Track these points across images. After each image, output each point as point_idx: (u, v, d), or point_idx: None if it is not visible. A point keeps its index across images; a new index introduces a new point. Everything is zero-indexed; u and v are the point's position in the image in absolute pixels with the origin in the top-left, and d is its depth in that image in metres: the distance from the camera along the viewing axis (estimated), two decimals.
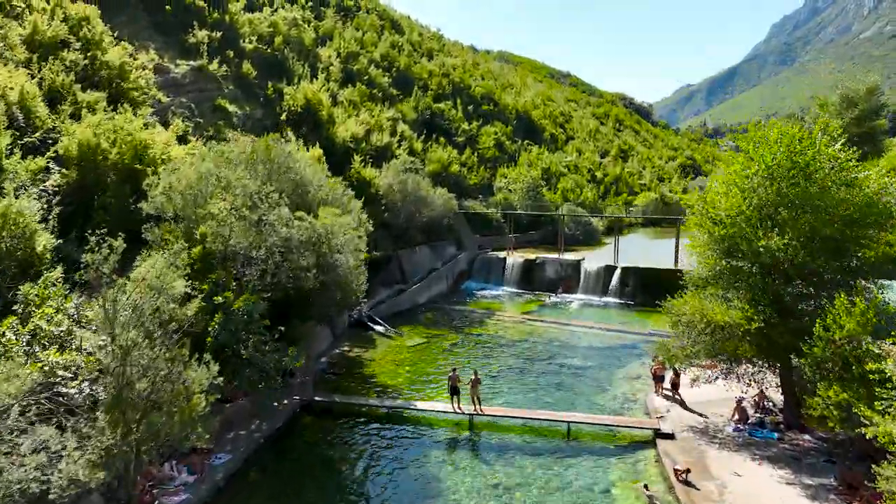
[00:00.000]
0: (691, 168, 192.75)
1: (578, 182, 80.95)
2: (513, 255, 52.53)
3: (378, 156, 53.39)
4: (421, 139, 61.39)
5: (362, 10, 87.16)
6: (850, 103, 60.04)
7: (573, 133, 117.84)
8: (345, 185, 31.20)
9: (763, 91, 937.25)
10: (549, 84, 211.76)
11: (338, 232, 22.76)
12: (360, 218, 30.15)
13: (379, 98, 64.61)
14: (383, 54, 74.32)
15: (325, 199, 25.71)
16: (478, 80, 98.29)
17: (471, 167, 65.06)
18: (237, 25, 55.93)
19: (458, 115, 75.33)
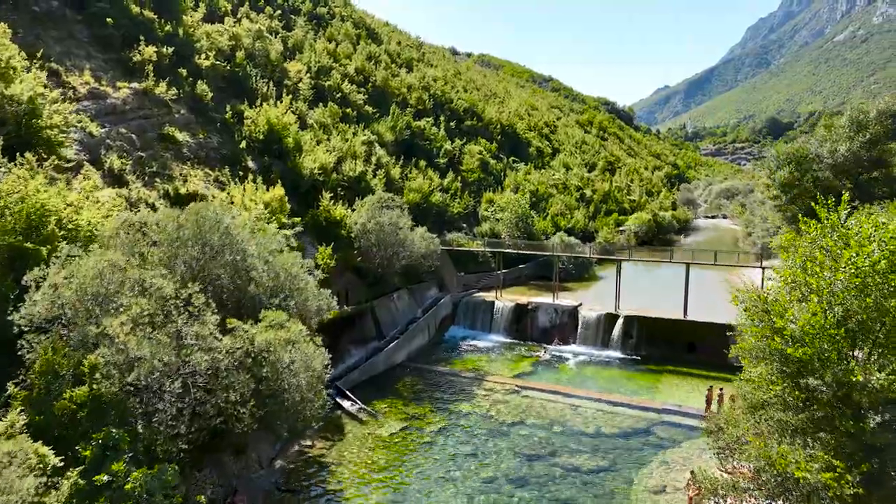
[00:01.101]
0: (676, 178, 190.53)
1: (568, 203, 76.12)
2: (502, 297, 47.34)
3: (351, 187, 47.85)
4: (399, 164, 55.89)
5: (336, 18, 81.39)
6: (859, 126, 55.92)
7: (559, 145, 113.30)
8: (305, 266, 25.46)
9: (740, 93, 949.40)
10: (531, 90, 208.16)
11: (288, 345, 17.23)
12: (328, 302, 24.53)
13: (353, 118, 58.96)
14: (359, 68, 68.67)
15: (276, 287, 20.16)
16: (460, 91, 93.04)
17: (454, 193, 59.73)
18: (193, 39, 49.93)
19: (440, 133, 69.96)
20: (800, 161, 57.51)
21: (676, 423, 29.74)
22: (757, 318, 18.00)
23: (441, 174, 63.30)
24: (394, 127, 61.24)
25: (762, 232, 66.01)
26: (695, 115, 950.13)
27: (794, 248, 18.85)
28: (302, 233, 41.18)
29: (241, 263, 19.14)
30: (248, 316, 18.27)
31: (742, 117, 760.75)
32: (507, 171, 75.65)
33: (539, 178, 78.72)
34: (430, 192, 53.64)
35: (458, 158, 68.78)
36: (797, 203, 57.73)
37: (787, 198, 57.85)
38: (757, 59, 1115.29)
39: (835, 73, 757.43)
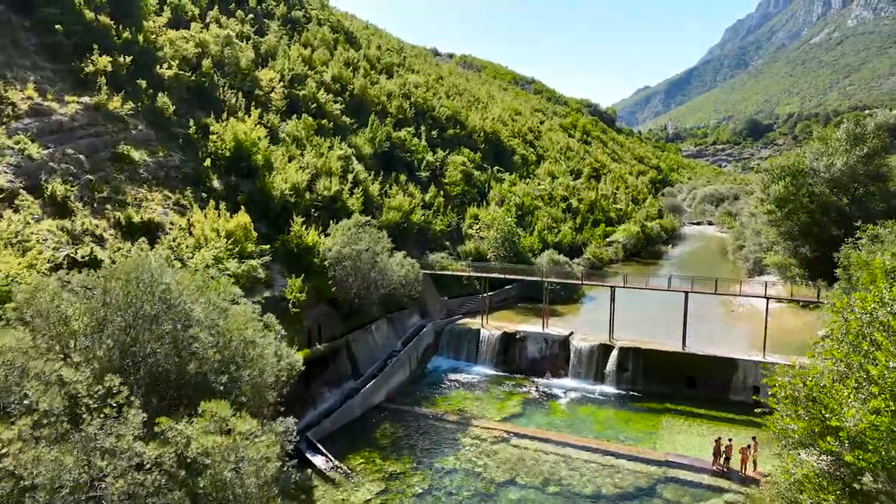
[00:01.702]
0: (661, 183, 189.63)
1: (554, 216, 73.52)
2: (488, 324, 44.39)
3: (326, 207, 44.56)
4: (378, 180, 52.68)
5: (313, 22, 77.87)
6: (856, 139, 53.91)
7: (543, 151, 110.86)
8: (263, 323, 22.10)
9: (719, 94, 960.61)
10: (514, 93, 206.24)
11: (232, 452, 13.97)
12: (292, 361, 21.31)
13: (329, 130, 55.62)
14: (336, 75, 65.27)
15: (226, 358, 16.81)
16: (442, 98, 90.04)
17: (436, 209, 56.67)
18: (154, 47, 46.32)
19: (421, 144, 66.89)
20: (795, 175, 55.38)
21: (682, 479, 27.02)
22: (802, 410, 15.13)
23: (423, 188, 60.24)
24: (372, 139, 58.03)
25: (754, 246, 63.92)
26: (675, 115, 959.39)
27: (843, 318, 16.00)
28: (272, 261, 37.92)
29: (181, 334, 15.95)
30: (187, 403, 15.10)
31: (721, 118, 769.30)
32: (491, 183, 72.80)
33: (524, 189, 76.00)
34: (412, 210, 50.54)
35: (441, 170, 65.77)
36: (792, 219, 55.64)
37: (783, 213, 55.67)
38: (735, 60, 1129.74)
39: (811, 74, 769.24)
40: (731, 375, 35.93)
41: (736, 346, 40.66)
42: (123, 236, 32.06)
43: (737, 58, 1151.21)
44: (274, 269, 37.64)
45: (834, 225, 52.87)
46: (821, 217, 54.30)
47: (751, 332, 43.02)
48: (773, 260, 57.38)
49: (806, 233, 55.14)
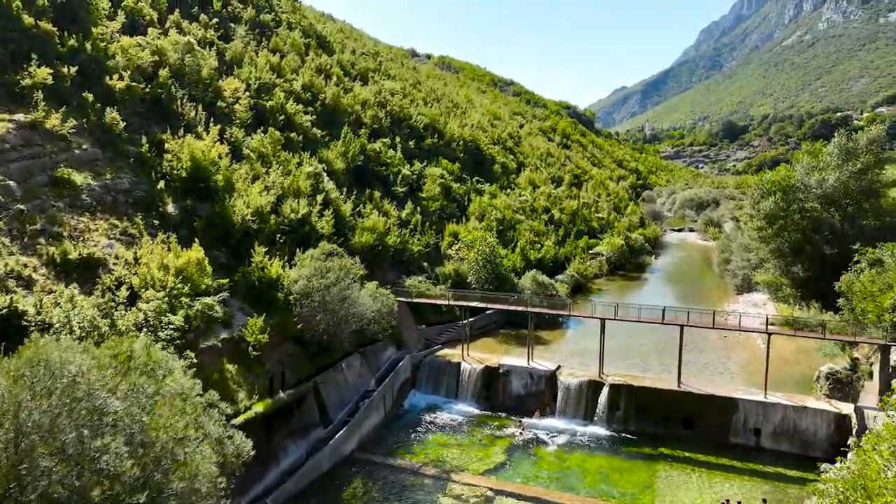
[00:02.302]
0: (640, 187, 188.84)
1: (536, 229, 70.87)
2: (469, 356, 41.38)
3: (293, 231, 41.12)
4: (351, 198, 49.33)
5: (283, 26, 74.07)
6: (848, 154, 52.11)
7: (524, 158, 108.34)
8: (202, 407, 18.73)
9: (695, 95, 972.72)
10: (493, 95, 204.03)
11: None
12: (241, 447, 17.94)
13: (298, 144, 52.11)
14: (306, 84, 61.67)
15: (148, 470, 13.38)
16: (419, 105, 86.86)
17: (413, 228, 53.52)
18: (105, 56, 42.42)
19: (398, 156, 63.66)
20: (786, 190, 53.45)
21: None
22: None
23: (399, 204, 57.03)
24: (345, 153, 54.65)
25: (742, 262, 61.93)
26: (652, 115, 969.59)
27: None
28: (231, 296, 34.46)
29: (87, 443, 12.63)
30: None
31: (697, 118, 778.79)
32: (471, 195, 69.86)
33: (505, 201, 73.22)
34: (387, 232, 47.32)
35: (418, 184, 62.61)
36: (783, 235, 53.69)
37: (774, 229, 53.66)
38: (710, 62, 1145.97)
39: (784, 76, 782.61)
40: (732, 416, 33.44)
41: (733, 381, 38.27)
42: (58, 276, 28.37)
43: (711, 59, 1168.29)
44: (233, 306, 34.15)
45: (827, 244, 50.97)
46: (812, 234, 52.42)
47: (747, 362, 40.69)
48: (764, 279, 55.41)
49: (797, 250, 53.21)
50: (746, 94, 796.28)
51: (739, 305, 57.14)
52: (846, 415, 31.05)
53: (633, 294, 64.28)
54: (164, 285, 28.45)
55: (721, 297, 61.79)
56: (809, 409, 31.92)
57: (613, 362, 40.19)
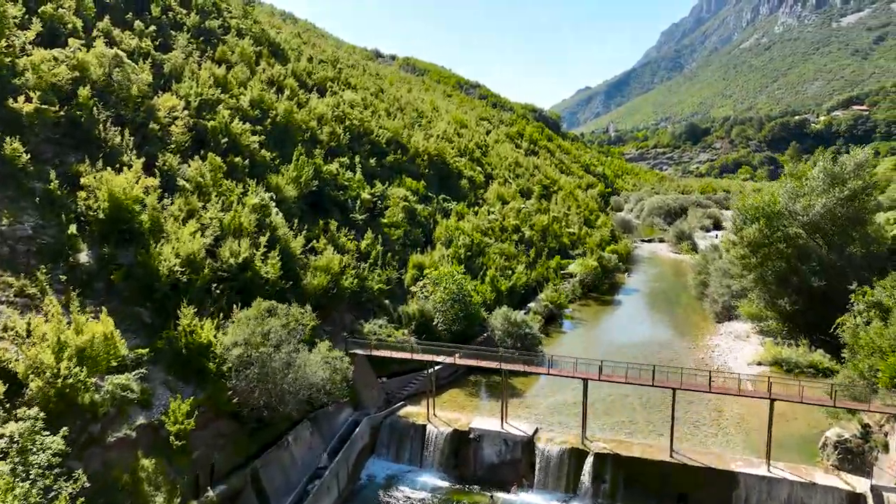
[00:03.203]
0: (609, 193, 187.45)
1: (507, 252, 66.77)
2: (435, 415, 36.83)
3: (233, 277, 35.91)
4: (303, 231, 44.21)
5: (232, 34, 68.18)
6: (835, 179, 49.34)
7: (491, 169, 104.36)
8: None
9: (657, 95, 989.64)
10: (459, 99, 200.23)
11: None
12: None
13: (243, 169, 46.68)
14: (255, 99, 56.12)
15: None
16: (382, 117, 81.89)
17: (374, 261, 48.69)
18: (11, 73, 36.60)
19: (357, 177, 58.67)
20: (770, 217, 50.45)
21: None
22: None
23: (358, 233, 52.09)
24: (298, 178, 49.44)
25: (722, 288, 58.91)
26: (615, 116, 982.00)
27: None
28: (154, 365, 29.17)
29: None
30: None
31: (660, 119, 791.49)
32: (437, 218, 65.32)
33: (473, 222, 68.90)
34: (342, 271, 42.39)
35: (380, 209, 57.76)
36: (767, 264, 50.69)
37: (758, 258, 50.59)
38: (671, 63, 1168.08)
39: (742, 78, 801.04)
40: (731, 493, 29.68)
41: (730, 444, 34.61)
42: None
43: (672, 60, 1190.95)
44: (156, 379, 28.86)
45: (814, 275, 48.01)
46: (798, 264, 49.47)
47: (741, 418, 37.13)
48: (748, 311, 52.38)
49: (783, 281, 50.23)
50: (707, 95, 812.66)
51: (722, 338, 54.05)
52: (861, 494, 27.59)
53: (609, 322, 60.81)
54: (57, 374, 23.02)
55: (701, 326, 58.68)
56: (819, 486, 28.37)
57: (596, 419, 36.26)
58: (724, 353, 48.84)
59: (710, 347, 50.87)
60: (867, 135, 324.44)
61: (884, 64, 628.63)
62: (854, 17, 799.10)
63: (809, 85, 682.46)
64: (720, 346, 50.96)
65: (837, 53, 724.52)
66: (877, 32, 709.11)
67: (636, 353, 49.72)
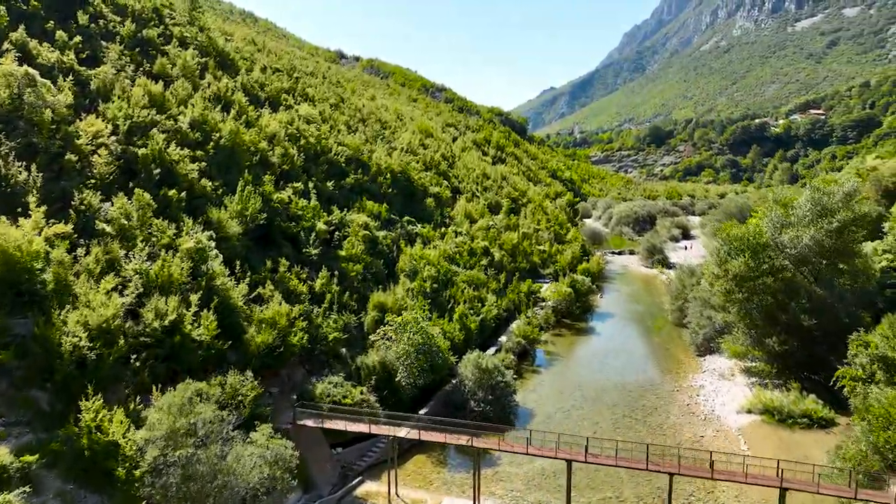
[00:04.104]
0: (577, 199, 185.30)
1: (476, 280, 62.47)
2: (397, 495, 32.22)
3: (157, 343, 30.62)
4: (247, 278, 39.06)
5: (174, 44, 62.14)
6: (823, 210, 46.47)
7: (458, 182, 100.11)
8: None
9: (620, 97, 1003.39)
10: (425, 104, 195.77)
11: None
12: None
13: (178, 204, 41.18)
14: (196, 119, 50.50)
15: None
16: (342, 131, 76.74)
17: (329, 305, 43.74)
18: None
19: (312, 204, 53.56)
20: (755, 249, 47.34)
21: None
22: None
23: (312, 271, 47.04)
24: (243, 211, 44.15)
25: (703, 320, 55.79)
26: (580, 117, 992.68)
27: None
28: (48, 470, 23.83)
29: None
30: None
31: (623, 120, 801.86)
32: (400, 244, 60.62)
33: (440, 247, 64.41)
34: (291, 324, 37.38)
35: (337, 239, 52.83)
36: (753, 300, 47.58)
37: (743, 293, 47.41)
38: (634, 65, 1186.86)
39: (703, 80, 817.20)
40: None
41: None
42: None
43: (635, 62, 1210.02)
44: (50, 487, 23.50)
45: (805, 313, 44.97)
46: (786, 299, 46.40)
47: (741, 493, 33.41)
48: (734, 350, 49.22)
49: (770, 317, 47.14)
50: (669, 96, 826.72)
51: (706, 376, 50.77)
52: None
53: (586, 356, 57.11)
54: None
55: (682, 360, 55.39)
56: None
57: (580, 494, 32.18)
58: (709, 397, 45.46)
59: (694, 389, 47.49)
60: (824, 139, 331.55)
61: (836, 67, 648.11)
62: (808, 21, 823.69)
63: (767, 87, 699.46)
64: (705, 388, 47.64)
65: (793, 57, 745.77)
66: (829, 37, 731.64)
67: (617, 398, 46.07)
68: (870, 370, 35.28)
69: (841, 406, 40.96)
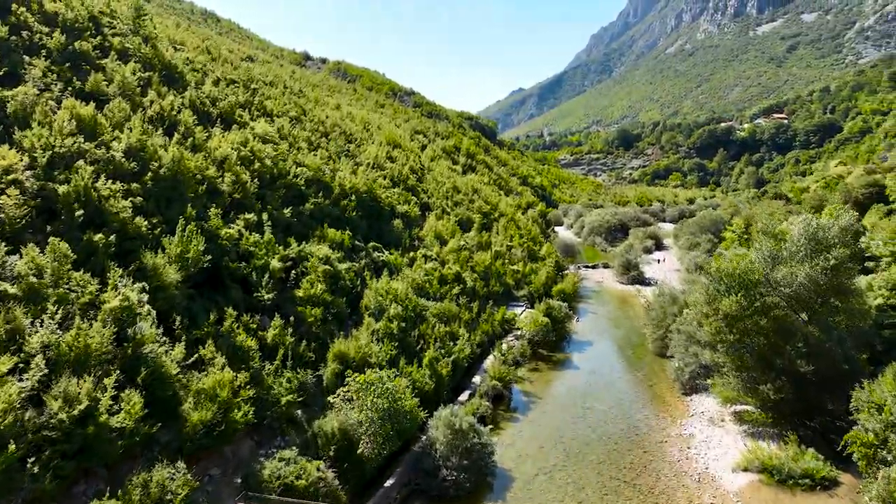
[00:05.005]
0: (549, 206, 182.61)
1: (447, 312, 58.14)
2: None
3: (64, 437, 25.43)
4: (183, 339, 33.98)
5: (112, 57, 56.28)
6: (817, 246, 43.48)
7: (428, 197, 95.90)
8: None
9: (588, 98, 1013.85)
10: (393, 110, 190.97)
11: None
12: None
13: (106, 252, 35.80)
14: (133, 146, 44.93)
15: None
16: (303, 149, 71.60)
17: (282, 361, 38.80)
18: None
19: (267, 237, 48.48)
20: (748, 287, 44.09)
21: None
22: None
23: (265, 316, 42.10)
24: (184, 254, 38.92)
25: (688, 357, 52.52)
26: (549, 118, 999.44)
27: None
28: None
29: None
30: None
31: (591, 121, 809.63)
32: (365, 276, 55.95)
33: (409, 277, 59.95)
34: (236, 394, 32.44)
35: (295, 278, 47.92)
36: (745, 341, 44.34)
37: (735, 335, 44.11)
38: (601, 66, 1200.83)
39: (668, 82, 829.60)
40: None
41: None
42: None
43: (602, 64, 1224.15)
44: None
45: (801, 357, 41.80)
46: (780, 342, 43.20)
47: None
48: (725, 395, 45.88)
49: (764, 360, 43.92)
50: (636, 98, 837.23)
51: (694, 421, 47.37)
52: None
53: (565, 398, 53.19)
54: None
55: (668, 400, 51.96)
56: None
57: None
58: (701, 450, 42.00)
59: (684, 439, 44.00)
60: (788, 143, 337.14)
61: (796, 71, 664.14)
62: (769, 26, 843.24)
63: (730, 90, 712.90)
64: (695, 437, 44.19)
65: (755, 60, 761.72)
66: (789, 41, 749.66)
67: (602, 454, 42.27)
68: (883, 436, 32.08)
69: (840, 459, 37.99)
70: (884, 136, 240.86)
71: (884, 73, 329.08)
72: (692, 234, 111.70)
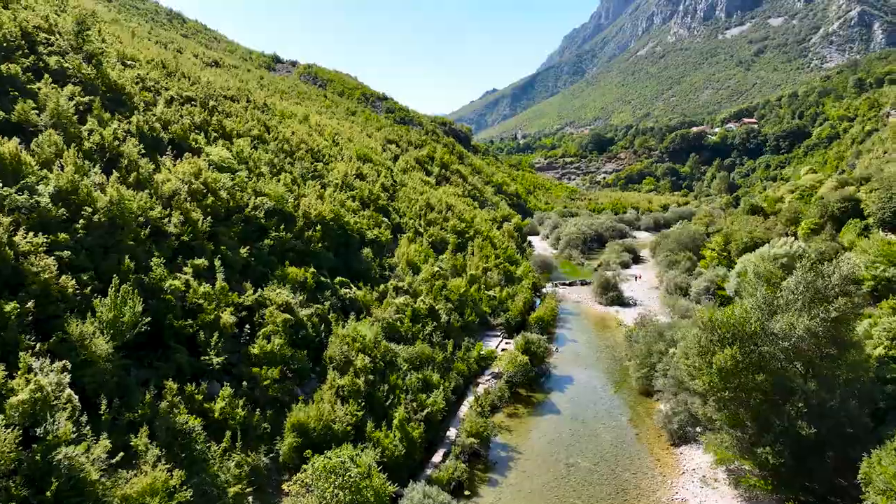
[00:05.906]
0: (524, 215, 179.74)
1: (421, 355, 54.12)
2: None
3: None
4: (108, 432, 29.26)
5: (46, 80, 50.82)
6: (816, 294, 40.52)
7: (400, 217, 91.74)
8: None
9: (561, 99, 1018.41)
10: (365, 116, 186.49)
11: None
12: None
13: (20, 321, 30.80)
14: (64, 188, 39.71)
15: None
16: (263, 174, 66.71)
17: (231, 441, 34.24)
18: None
19: (219, 285, 43.75)
20: (744, 339, 40.93)
21: None
22: None
23: (214, 384, 37.48)
24: (117, 319, 34.05)
25: (678, 406, 49.35)
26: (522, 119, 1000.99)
27: None
28: None
29: None
30: None
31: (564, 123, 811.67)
32: (330, 319, 51.53)
33: (378, 317, 55.71)
34: (168, 499, 27.81)
35: (249, 332, 43.28)
36: (741, 396, 41.19)
37: (730, 391, 40.88)
38: (573, 68, 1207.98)
39: (640, 84, 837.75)
40: None
41: None
42: None
43: (574, 65, 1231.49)
44: None
45: (801, 418, 38.70)
46: (779, 401, 40.06)
47: None
48: (719, 455, 42.60)
49: (760, 418, 40.76)
50: (608, 100, 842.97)
51: (686, 480, 44.08)
52: None
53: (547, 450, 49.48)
54: None
55: (656, 452, 48.62)
56: None
57: None
58: None
59: None
60: (758, 148, 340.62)
61: (764, 75, 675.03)
62: (737, 30, 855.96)
63: (700, 93, 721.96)
64: (689, 503, 40.83)
65: (724, 64, 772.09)
66: (757, 45, 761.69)
67: None
68: None
69: None
70: (851, 143, 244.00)
71: (849, 79, 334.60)
72: (670, 251, 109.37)
